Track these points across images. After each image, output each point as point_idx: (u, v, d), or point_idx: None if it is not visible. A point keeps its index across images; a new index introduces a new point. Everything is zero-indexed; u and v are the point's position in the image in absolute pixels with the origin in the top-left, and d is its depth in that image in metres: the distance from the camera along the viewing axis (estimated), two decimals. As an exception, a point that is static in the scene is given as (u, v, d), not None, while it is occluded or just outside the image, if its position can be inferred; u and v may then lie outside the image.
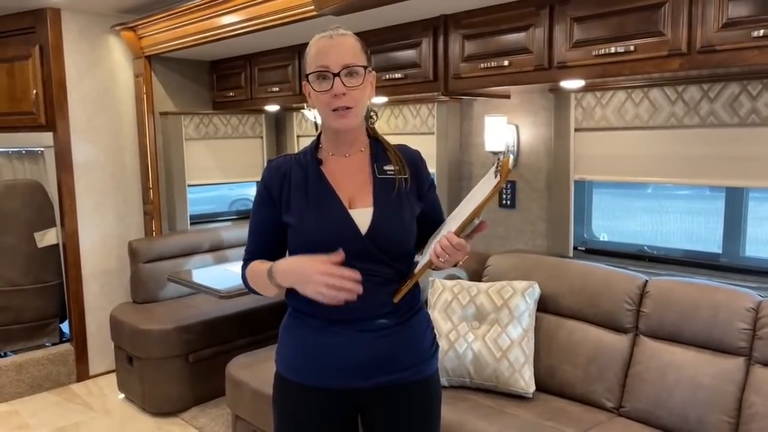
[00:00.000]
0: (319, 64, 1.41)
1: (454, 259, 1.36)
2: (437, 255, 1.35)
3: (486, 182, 1.38)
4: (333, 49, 1.41)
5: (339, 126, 1.45)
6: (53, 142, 3.70)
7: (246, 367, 2.74)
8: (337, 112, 1.42)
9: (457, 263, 1.44)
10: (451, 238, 1.33)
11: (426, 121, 3.34)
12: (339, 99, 1.40)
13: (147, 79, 3.87)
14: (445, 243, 1.33)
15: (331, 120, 1.44)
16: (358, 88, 1.42)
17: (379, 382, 1.47)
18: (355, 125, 1.48)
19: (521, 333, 2.39)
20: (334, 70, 1.39)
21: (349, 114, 1.43)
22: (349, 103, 1.41)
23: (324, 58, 1.41)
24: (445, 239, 1.33)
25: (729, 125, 2.29)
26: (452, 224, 1.39)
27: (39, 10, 3.58)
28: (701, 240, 2.62)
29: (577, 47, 2.23)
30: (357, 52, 1.43)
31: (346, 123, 1.44)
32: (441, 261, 1.35)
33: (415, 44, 2.79)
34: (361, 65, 1.42)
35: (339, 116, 1.42)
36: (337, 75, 1.39)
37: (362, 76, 1.43)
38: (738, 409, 1.99)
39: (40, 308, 3.85)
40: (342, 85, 1.39)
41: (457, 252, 1.33)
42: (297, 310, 1.52)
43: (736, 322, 2.06)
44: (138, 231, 4.04)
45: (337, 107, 1.41)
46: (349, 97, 1.41)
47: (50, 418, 3.40)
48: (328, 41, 1.42)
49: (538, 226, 2.95)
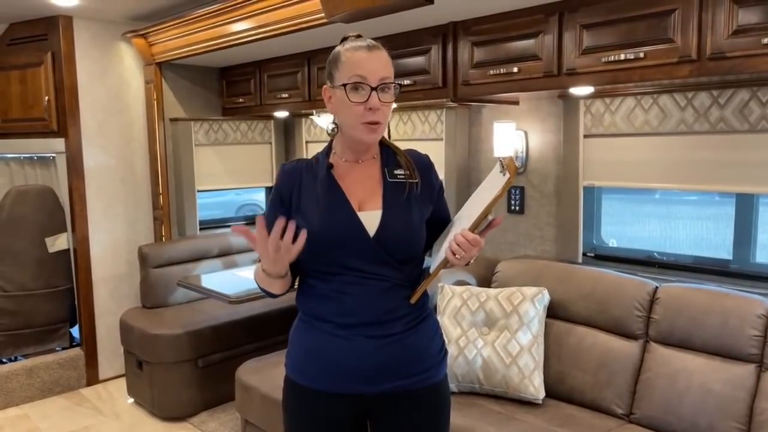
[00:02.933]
0: (356, 74, 1.41)
1: (469, 255, 1.37)
2: (453, 252, 1.36)
3: (491, 181, 1.39)
4: (371, 62, 1.42)
5: (369, 140, 1.46)
6: (64, 147, 3.74)
7: (255, 371, 2.75)
8: (368, 126, 1.43)
9: (469, 262, 1.44)
10: (467, 235, 1.34)
11: (434, 127, 3.35)
12: (373, 113, 1.41)
13: (157, 85, 3.90)
14: (461, 239, 1.34)
15: (360, 132, 1.44)
16: (389, 104, 1.44)
17: (387, 388, 1.47)
18: (379, 139, 1.50)
19: (531, 339, 2.39)
20: (372, 83, 1.40)
21: (379, 129, 1.45)
22: (381, 119, 1.43)
23: (361, 69, 1.41)
24: (460, 236, 1.35)
25: (739, 131, 2.29)
26: (464, 222, 1.40)
27: (51, 18, 3.62)
28: (711, 246, 2.61)
29: (587, 54, 2.24)
30: (390, 67, 1.46)
31: (375, 138, 1.47)
32: (457, 258, 1.37)
33: (424, 51, 2.80)
34: (394, 82, 1.45)
35: (371, 131, 1.44)
36: (374, 89, 1.40)
37: (393, 92, 1.45)
38: (749, 415, 1.99)
39: (50, 313, 3.87)
40: (378, 100, 1.41)
41: (472, 248, 1.35)
42: (306, 314, 1.53)
43: (747, 328, 2.05)
44: (148, 236, 4.07)
45: (371, 121, 1.42)
46: (381, 112, 1.42)
47: (60, 422, 3.42)
48: (367, 53, 1.43)
49: (547, 232, 2.95)
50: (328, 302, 1.47)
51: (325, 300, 1.47)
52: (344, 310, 1.45)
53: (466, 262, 1.40)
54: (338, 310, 1.45)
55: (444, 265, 1.42)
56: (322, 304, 1.48)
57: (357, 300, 1.44)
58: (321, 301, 1.48)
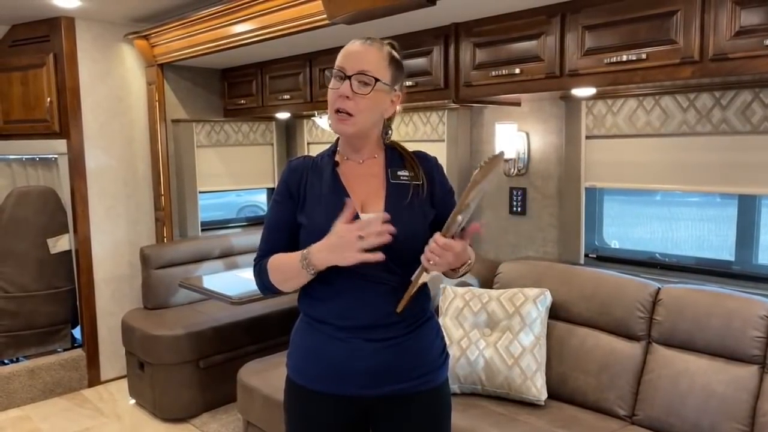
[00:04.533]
0: (338, 64, 1.43)
1: (444, 261, 1.31)
2: (427, 258, 1.33)
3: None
4: (357, 54, 1.43)
5: (336, 129, 1.46)
6: (66, 149, 3.74)
7: (257, 372, 2.75)
8: (338, 114, 1.43)
9: (457, 269, 1.41)
10: (438, 239, 1.31)
11: (436, 128, 3.35)
12: (342, 101, 1.41)
13: (159, 86, 3.91)
14: (432, 245, 1.31)
15: (333, 122, 1.46)
16: (364, 97, 1.41)
17: (388, 391, 1.46)
18: (352, 133, 1.46)
19: (533, 340, 2.39)
20: (349, 72, 1.41)
21: (349, 121, 1.43)
22: (351, 110, 1.41)
23: (344, 60, 1.43)
24: (432, 241, 1.32)
25: (741, 133, 2.29)
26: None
27: (53, 19, 3.62)
28: (713, 247, 2.61)
29: (589, 55, 2.24)
30: (378, 64, 1.43)
31: (343, 129, 1.45)
32: (432, 264, 1.32)
33: (426, 52, 2.80)
34: (374, 76, 1.42)
35: (339, 120, 1.44)
36: (348, 77, 1.40)
37: (371, 87, 1.42)
38: (752, 417, 1.98)
39: (52, 314, 3.87)
40: (350, 88, 1.40)
41: (445, 253, 1.30)
42: (307, 315, 1.53)
43: (750, 329, 2.05)
44: (149, 237, 4.07)
45: (339, 109, 1.42)
46: (353, 103, 1.41)
47: (62, 423, 3.42)
48: (358, 47, 1.44)
49: (549, 234, 2.95)
50: (328, 304, 1.47)
51: (326, 302, 1.47)
52: (344, 313, 1.45)
53: (443, 269, 1.36)
54: (338, 312, 1.45)
55: (422, 273, 1.38)
56: (322, 305, 1.48)
57: (357, 302, 1.44)
58: (321, 302, 1.48)
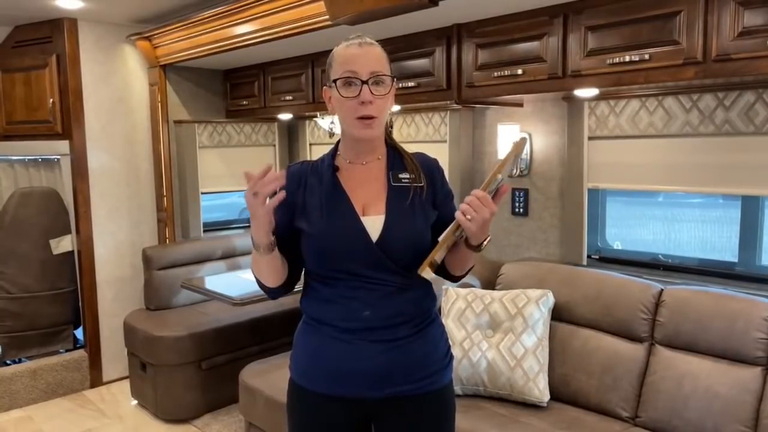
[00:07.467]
0: (347, 69, 1.40)
1: (480, 217, 1.29)
2: (463, 212, 1.30)
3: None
4: (362, 57, 1.41)
5: (362, 135, 1.44)
6: (69, 150, 3.74)
7: (259, 374, 2.74)
8: (362, 121, 1.41)
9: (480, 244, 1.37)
10: (477, 193, 1.30)
11: (438, 129, 3.34)
12: (365, 107, 1.40)
13: (161, 87, 3.91)
14: (471, 198, 1.30)
15: (354, 128, 1.44)
16: (383, 97, 1.42)
17: (391, 393, 1.46)
18: (377, 135, 1.48)
19: (535, 341, 2.38)
20: (363, 77, 1.39)
21: (374, 124, 1.43)
22: (374, 113, 1.41)
23: (353, 65, 1.40)
24: (471, 195, 1.30)
25: (744, 133, 2.28)
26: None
27: (56, 20, 3.63)
28: (716, 248, 2.60)
29: (591, 56, 2.23)
30: (384, 61, 1.44)
31: (370, 133, 1.44)
32: (468, 218, 1.30)
33: (428, 53, 2.80)
34: (387, 74, 1.43)
35: (364, 126, 1.42)
36: (365, 82, 1.39)
37: (389, 86, 1.43)
38: (755, 419, 1.98)
39: (54, 315, 3.88)
40: (369, 92, 1.39)
41: (483, 208, 1.29)
42: (310, 317, 1.52)
43: (753, 331, 2.04)
44: (152, 238, 4.07)
45: (364, 115, 1.40)
46: (374, 106, 1.41)
47: (64, 424, 3.42)
48: (358, 49, 1.43)
49: (551, 235, 2.94)
50: (331, 306, 1.46)
51: (329, 304, 1.47)
52: (347, 314, 1.44)
53: (477, 226, 1.31)
54: (342, 314, 1.45)
55: (455, 231, 1.36)
56: (325, 307, 1.47)
57: (360, 304, 1.43)
58: (325, 304, 1.47)
